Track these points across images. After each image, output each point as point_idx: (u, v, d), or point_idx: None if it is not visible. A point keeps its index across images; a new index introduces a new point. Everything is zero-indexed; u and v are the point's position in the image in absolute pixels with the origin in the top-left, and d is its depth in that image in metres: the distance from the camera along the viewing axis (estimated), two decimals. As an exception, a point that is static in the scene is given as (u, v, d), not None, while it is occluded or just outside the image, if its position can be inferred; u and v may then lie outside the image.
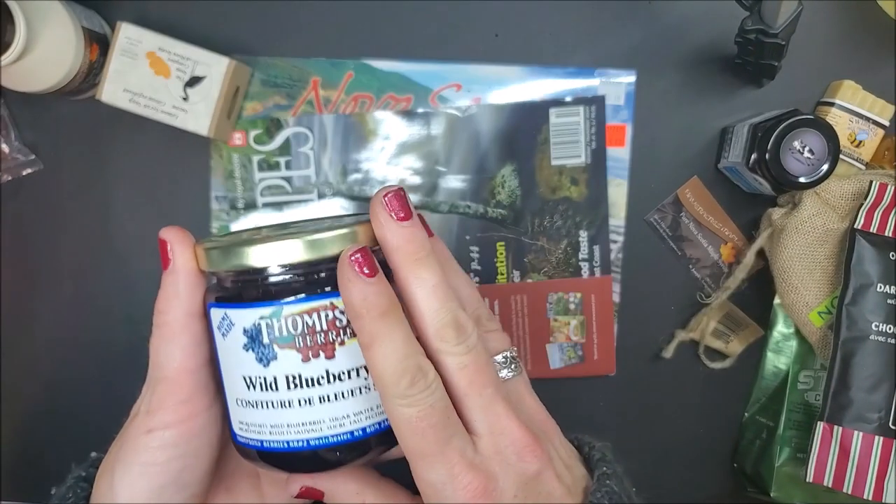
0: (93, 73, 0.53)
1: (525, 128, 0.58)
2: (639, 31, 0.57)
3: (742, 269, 0.56)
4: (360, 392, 0.31)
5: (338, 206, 0.59)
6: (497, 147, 0.58)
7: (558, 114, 0.58)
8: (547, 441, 0.33)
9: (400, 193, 0.31)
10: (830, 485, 0.50)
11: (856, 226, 0.52)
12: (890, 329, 0.50)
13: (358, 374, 0.31)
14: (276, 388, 0.31)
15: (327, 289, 0.31)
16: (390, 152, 0.58)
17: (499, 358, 0.34)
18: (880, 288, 0.51)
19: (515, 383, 0.35)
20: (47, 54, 0.50)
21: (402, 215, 0.31)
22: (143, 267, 0.59)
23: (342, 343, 0.31)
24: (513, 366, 0.35)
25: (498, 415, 0.31)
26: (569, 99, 0.58)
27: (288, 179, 0.58)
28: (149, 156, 0.58)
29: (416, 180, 0.58)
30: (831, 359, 0.51)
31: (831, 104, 0.55)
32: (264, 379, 0.31)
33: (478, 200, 0.58)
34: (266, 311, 0.30)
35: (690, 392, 0.60)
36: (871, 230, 0.51)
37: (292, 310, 0.30)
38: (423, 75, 0.58)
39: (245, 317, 0.31)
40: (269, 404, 0.31)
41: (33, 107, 0.58)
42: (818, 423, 0.51)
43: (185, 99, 0.53)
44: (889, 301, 0.51)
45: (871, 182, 0.52)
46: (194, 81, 0.53)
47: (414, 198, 0.58)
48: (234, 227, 0.59)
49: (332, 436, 0.31)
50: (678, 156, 0.58)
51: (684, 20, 0.57)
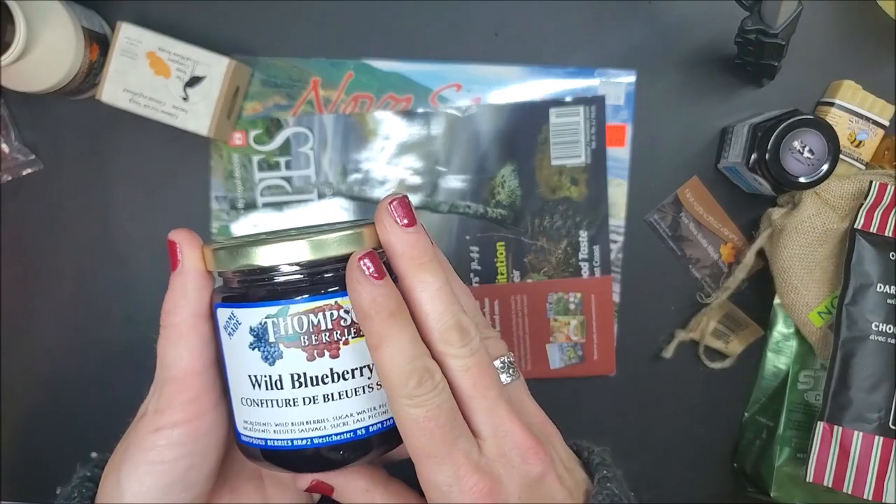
0: (93, 73, 0.53)
1: (525, 128, 0.58)
2: (639, 31, 0.57)
3: (742, 269, 0.56)
4: (364, 391, 0.32)
5: (338, 206, 0.59)
6: (497, 147, 0.58)
7: (558, 114, 0.58)
8: (549, 444, 0.34)
9: (405, 201, 0.32)
10: (830, 485, 0.50)
11: (856, 226, 0.52)
12: (890, 329, 0.50)
13: (362, 374, 0.32)
14: (281, 387, 0.31)
15: (332, 289, 0.31)
16: (390, 152, 0.58)
17: (497, 363, 0.35)
18: (880, 288, 0.51)
19: (515, 388, 0.35)
20: (47, 54, 0.50)
21: (407, 222, 0.31)
22: (142, 267, 0.59)
23: (346, 342, 0.31)
24: (511, 370, 0.35)
25: (501, 417, 0.32)
26: (569, 99, 0.58)
27: (288, 179, 0.58)
28: (149, 156, 0.58)
29: (416, 180, 0.58)
30: (831, 359, 0.51)
31: (831, 104, 0.55)
32: (269, 378, 0.31)
33: (478, 200, 0.58)
34: (272, 310, 0.31)
35: (690, 392, 0.60)
36: (871, 230, 0.52)
37: (298, 309, 0.31)
38: (423, 75, 0.58)
39: (251, 316, 0.31)
40: (274, 403, 0.32)
41: (33, 107, 0.58)
42: (818, 423, 0.51)
43: (185, 99, 0.53)
44: (889, 301, 0.51)
45: (871, 182, 0.52)
46: (194, 81, 0.53)
47: (414, 198, 0.58)
48: (235, 227, 0.59)
49: (336, 434, 0.31)
50: (678, 156, 0.58)
51: (684, 20, 0.57)
